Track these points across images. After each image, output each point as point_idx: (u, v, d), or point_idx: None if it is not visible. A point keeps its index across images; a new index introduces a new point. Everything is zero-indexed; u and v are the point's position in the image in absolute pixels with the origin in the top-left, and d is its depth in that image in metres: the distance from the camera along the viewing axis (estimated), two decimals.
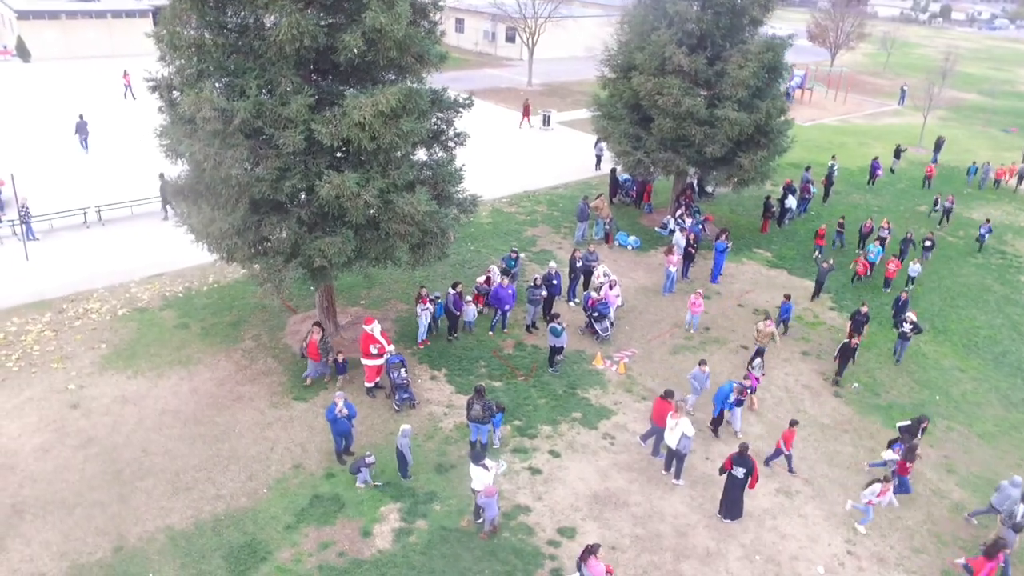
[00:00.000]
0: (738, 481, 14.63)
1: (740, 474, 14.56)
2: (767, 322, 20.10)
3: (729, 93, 24.36)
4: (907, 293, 23.32)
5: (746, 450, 14.70)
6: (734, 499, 14.88)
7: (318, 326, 17.66)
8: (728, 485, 14.84)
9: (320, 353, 17.62)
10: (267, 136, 15.24)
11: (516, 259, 22.72)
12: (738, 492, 14.76)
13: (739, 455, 14.62)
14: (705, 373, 17.93)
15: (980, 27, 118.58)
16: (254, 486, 15.07)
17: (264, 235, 16.10)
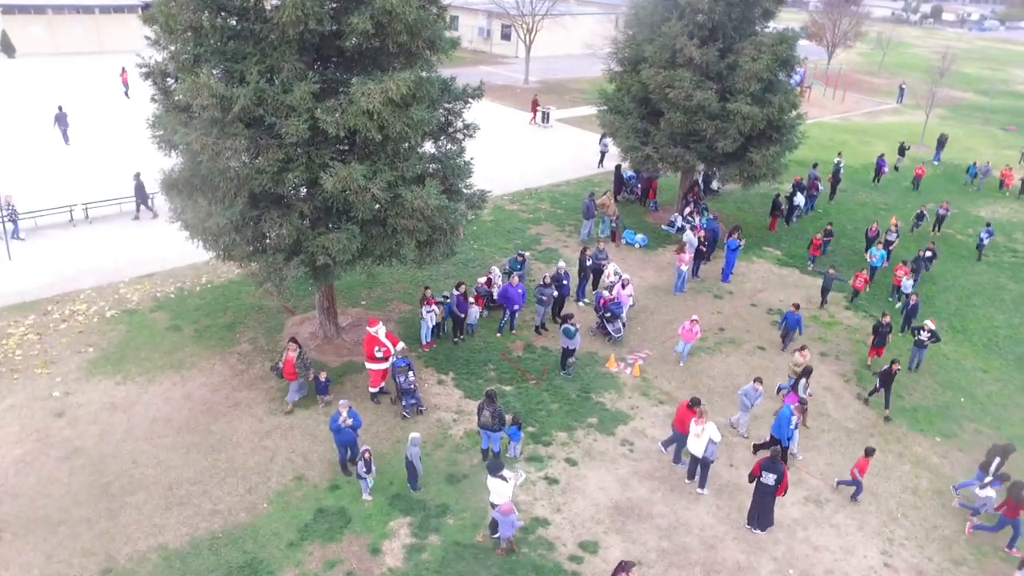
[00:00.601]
0: (768, 488, 13.81)
1: (770, 481, 13.74)
2: (803, 352, 18.03)
3: (742, 86, 23.59)
4: (917, 296, 22.15)
5: (778, 456, 13.89)
6: (764, 508, 14.07)
7: (294, 342, 16.09)
8: (757, 493, 14.02)
9: (298, 372, 16.02)
10: (268, 125, 14.29)
11: (523, 262, 21.78)
12: (768, 500, 13.94)
13: (770, 460, 13.81)
14: (758, 392, 16.52)
15: (970, 28, 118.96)
16: (253, 500, 14.11)
17: (264, 231, 15.13)
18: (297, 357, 15.91)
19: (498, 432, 14.97)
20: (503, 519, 12.83)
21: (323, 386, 16.43)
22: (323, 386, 16.43)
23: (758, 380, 16.63)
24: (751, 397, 16.54)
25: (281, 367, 16.06)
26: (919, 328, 19.81)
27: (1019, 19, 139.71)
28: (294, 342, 16.10)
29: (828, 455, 16.52)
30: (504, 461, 14.75)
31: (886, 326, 19.81)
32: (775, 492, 13.79)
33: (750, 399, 16.55)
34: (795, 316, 20.20)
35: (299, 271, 15.15)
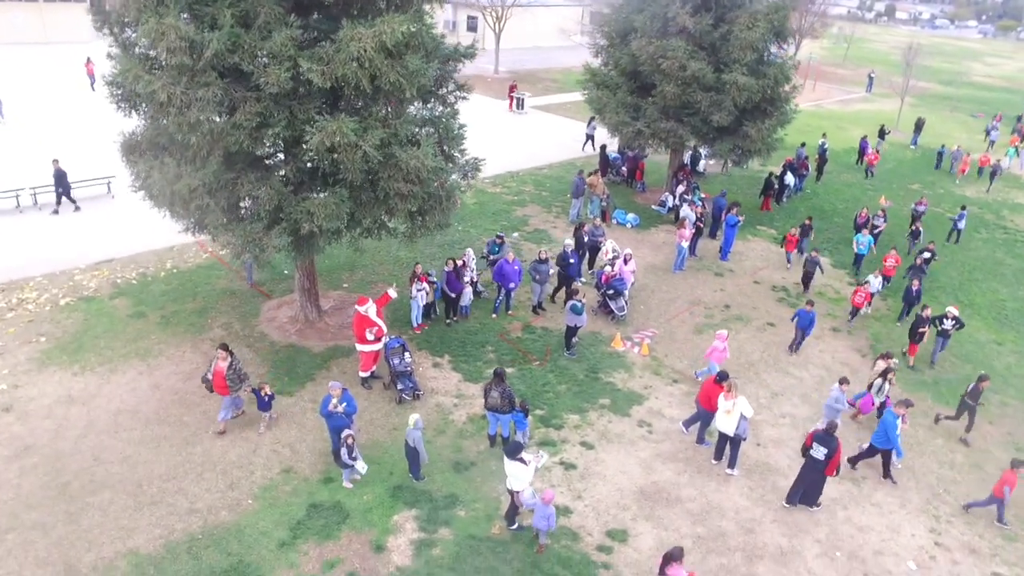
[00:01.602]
0: (818, 463, 12.63)
1: (820, 455, 12.57)
2: (888, 359, 16.08)
3: (737, 56, 22.56)
4: (919, 282, 20.27)
5: (833, 428, 12.70)
6: (811, 483, 12.94)
7: (224, 349, 13.43)
8: (805, 467, 12.88)
9: (229, 385, 13.36)
10: (245, 76, 12.66)
11: (501, 244, 20.00)
12: (817, 477, 12.76)
13: (824, 432, 12.65)
14: (845, 393, 14.66)
15: (923, 26, 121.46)
16: (236, 496, 12.44)
17: (241, 196, 13.48)
18: (229, 367, 13.29)
19: (508, 414, 13.53)
20: (541, 508, 11.36)
21: (265, 402, 13.76)
22: (265, 402, 13.76)
23: (844, 381, 14.72)
24: (842, 402, 14.53)
25: (210, 379, 13.49)
26: (941, 317, 18.14)
27: (967, 18, 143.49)
28: (224, 349, 13.45)
29: (856, 432, 15.43)
30: None
31: (926, 320, 17.98)
32: (824, 468, 12.59)
33: (841, 404, 14.53)
34: (808, 314, 17.75)
35: (281, 240, 13.49)
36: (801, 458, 14.22)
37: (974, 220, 29.22)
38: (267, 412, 13.91)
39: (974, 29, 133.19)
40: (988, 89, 65.71)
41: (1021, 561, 12.66)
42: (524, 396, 14.97)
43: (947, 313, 18.18)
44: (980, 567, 12.40)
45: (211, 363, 13.60)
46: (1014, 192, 34.52)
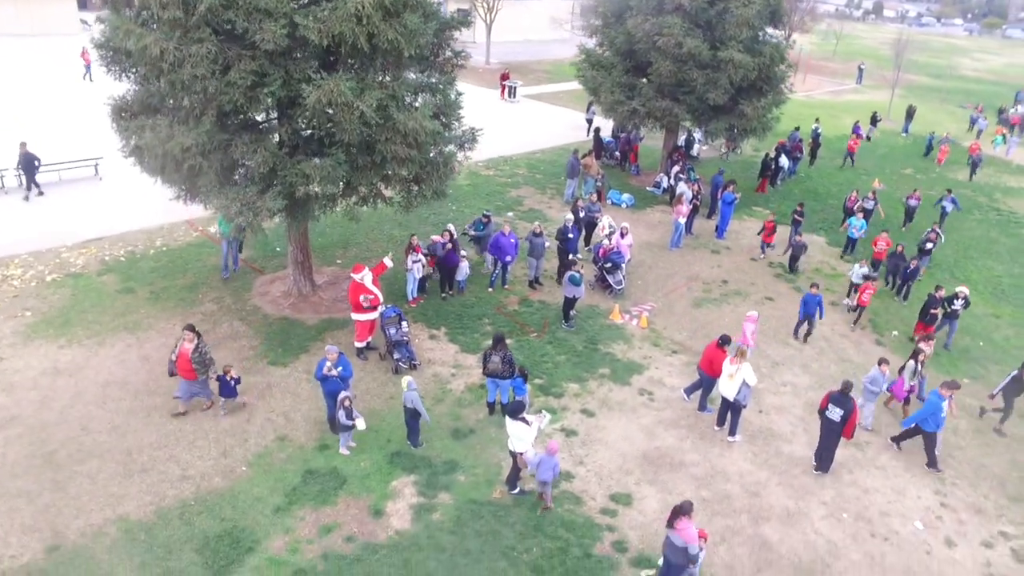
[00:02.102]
0: (834, 425, 12.43)
1: (836, 416, 12.37)
2: (928, 343, 15.56)
3: (733, 33, 22.41)
4: (917, 260, 19.88)
5: (849, 388, 12.49)
6: (825, 447, 12.77)
7: (190, 330, 12.57)
8: (823, 429, 12.72)
9: (195, 369, 12.57)
10: (240, 32, 12.36)
11: (487, 222, 19.52)
12: (832, 439, 12.60)
13: (840, 393, 12.45)
14: (885, 374, 14.04)
15: (910, 24, 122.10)
16: (229, 463, 12.12)
17: (236, 158, 13.17)
18: (195, 350, 12.50)
19: (508, 380, 13.26)
20: (547, 459, 11.11)
21: (230, 387, 12.92)
22: (230, 387, 12.92)
23: (884, 362, 14.05)
24: (879, 383, 13.99)
25: (174, 360, 12.65)
26: (951, 299, 17.49)
27: (952, 16, 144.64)
28: (191, 330, 12.60)
29: (859, 399, 15.22)
30: None
31: (939, 300, 17.32)
32: (840, 430, 12.43)
33: (878, 386, 14.01)
34: (815, 297, 16.88)
35: (276, 203, 13.17)
36: (804, 423, 14.12)
37: (967, 203, 29.20)
38: (232, 398, 13.04)
39: (960, 27, 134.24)
40: (976, 82, 66.08)
41: None
42: (524, 364, 14.71)
43: (958, 293, 17.67)
44: (987, 527, 12.23)
45: (175, 345, 12.72)
46: (1004, 176, 34.62)
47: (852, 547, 11.49)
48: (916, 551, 11.56)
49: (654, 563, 10.73)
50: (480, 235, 19.17)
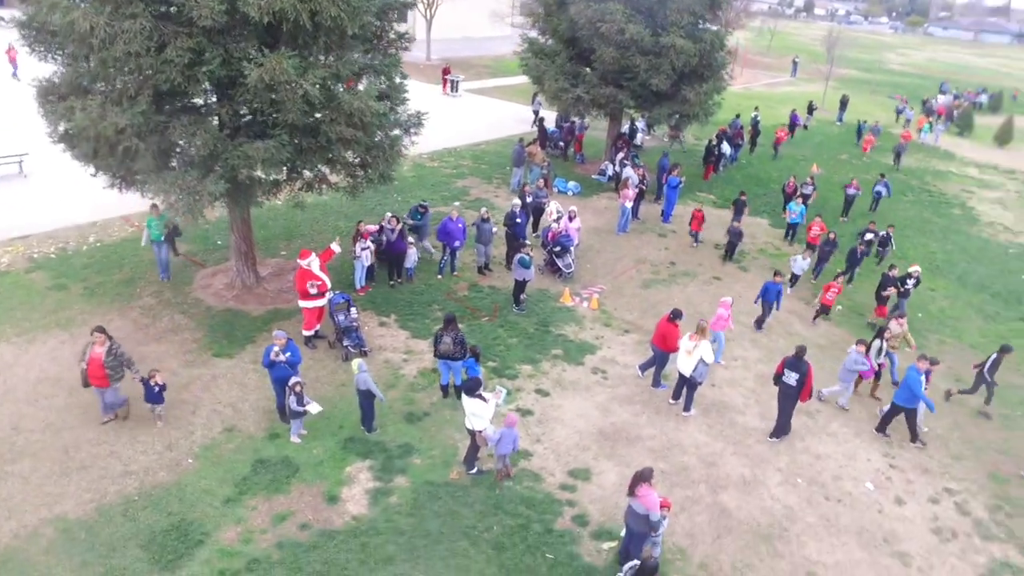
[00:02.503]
0: (790, 390, 12.65)
1: (792, 381, 12.57)
2: (900, 321, 15.46)
3: (674, 19, 22.67)
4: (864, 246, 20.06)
5: (803, 352, 12.70)
6: (783, 412, 13.01)
7: (101, 332, 11.49)
8: (781, 394, 12.92)
9: (109, 375, 11.48)
10: (176, 8, 11.90)
11: (424, 212, 19.00)
12: (788, 404, 12.84)
13: (795, 358, 12.66)
14: (863, 355, 13.95)
15: (839, 21, 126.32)
16: (175, 456, 11.64)
17: (174, 140, 12.68)
18: (107, 353, 11.44)
19: (459, 361, 13.07)
20: (507, 432, 10.99)
21: (155, 393, 11.86)
22: (155, 393, 11.86)
23: (860, 342, 14.01)
24: (861, 363, 13.92)
25: (85, 368, 11.50)
26: (904, 278, 17.75)
27: (879, 15, 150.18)
28: (101, 332, 11.52)
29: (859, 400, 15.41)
30: None
31: (893, 280, 17.58)
32: (797, 394, 12.66)
33: (861, 364, 13.95)
34: (776, 286, 16.74)
35: (218, 187, 12.71)
36: (756, 395, 14.31)
37: (901, 185, 30.23)
38: (158, 405, 12.06)
39: (885, 25, 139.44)
40: (902, 75, 68.65)
41: (968, 476, 12.92)
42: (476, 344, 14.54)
43: (911, 273, 17.93)
44: (933, 484, 12.59)
45: (84, 350, 11.62)
46: (933, 161, 36.02)
47: (808, 510, 11.67)
48: (868, 511, 11.80)
49: (616, 535, 10.70)
50: (418, 224, 18.79)
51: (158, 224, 16.17)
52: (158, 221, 16.14)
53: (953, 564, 10.96)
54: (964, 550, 11.24)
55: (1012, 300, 20.44)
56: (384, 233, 17.07)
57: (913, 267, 18.37)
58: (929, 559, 10.99)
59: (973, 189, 31.63)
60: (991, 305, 19.94)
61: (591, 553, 10.48)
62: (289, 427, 12.20)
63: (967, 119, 43.77)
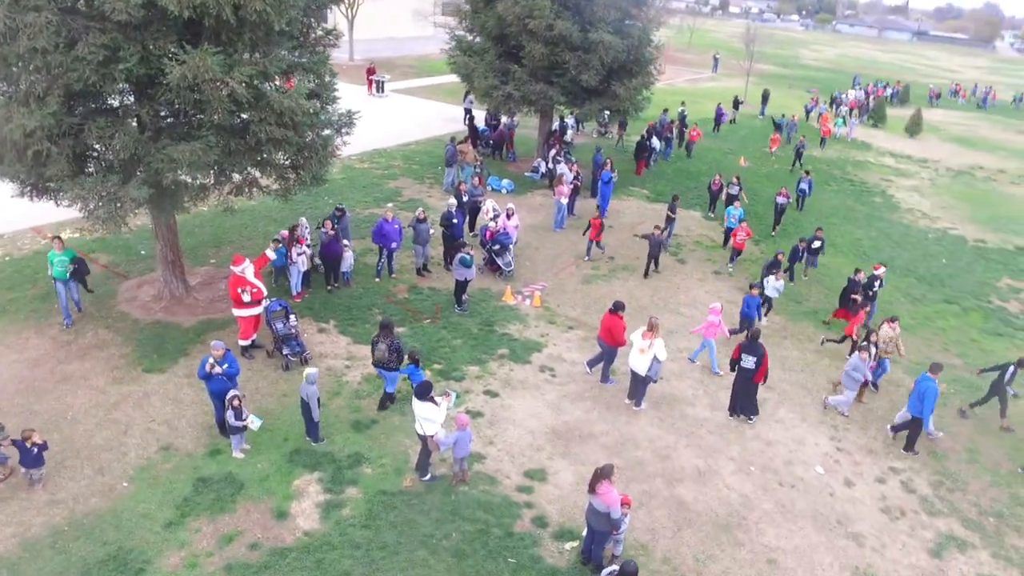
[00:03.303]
0: (748, 373, 12.95)
1: (750, 364, 12.85)
2: (893, 324, 15.03)
3: (602, 15, 22.74)
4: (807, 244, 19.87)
5: (758, 335, 12.94)
6: (747, 394, 13.31)
7: None
8: (738, 379, 13.18)
9: None
10: (87, 1, 11.13)
11: (342, 215, 18.01)
12: (751, 386, 13.18)
13: (750, 341, 12.91)
14: (865, 361, 13.73)
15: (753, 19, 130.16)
16: (107, 481, 10.90)
17: (89, 144, 11.88)
18: None
19: (395, 371, 12.62)
20: (461, 435, 10.70)
21: (33, 456, 10.38)
22: (33, 456, 10.38)
23: (862, 348, 13.91)
24: (861, 370, 13.67)
25: None
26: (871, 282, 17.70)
27: (790, 13, 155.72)
28: None
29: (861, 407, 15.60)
30: None
31: (857, 284, 17.43)
32: (754, 377, 12.95)
33: (860, 372, 13.70)
34: (755, 299, 16.19)
35: (141, 192, 11.98)
36: (704, 386, 14.43)
37: (823, 175, 31.21)
38: (37, 469, 10.54)
39: (796, 22, 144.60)
40: (817, 70, 71.18)
41: (911, 455, 13.27)
42: (416, 348, 14.17)
43: (877, 276, 17.77)
44: (879, 464, 12.90)
45: None
46: (852, 152, 37.35)
47: (763, 497, 11.77)
48: (820, 494, 11.99)
49: (577, 535, 10.54)
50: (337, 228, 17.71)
51: (62, 261, 14.23)
52: (62, 257, 14.22)
53: (904, 541, 11.23)
54: (913, 527, 11.53)
55: (936, 283, 21.27)
56: (320, 236, 16.46)
57: (878, 268, 18.19)
58: (881, 538, 11.23)
59: (891, 178, 32.91)
60: (917, 288, 20.70)
61: (553, 555, 10.29)
62: (231, 442, 11.59)
63: (880, 111, 45.56)
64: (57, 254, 14.26)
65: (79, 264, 14.64)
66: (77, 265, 14.55)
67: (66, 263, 14.27)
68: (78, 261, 14.61)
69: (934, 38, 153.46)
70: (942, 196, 30.94)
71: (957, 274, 22.22)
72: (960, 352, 17.41)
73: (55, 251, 14.29)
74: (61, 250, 14.29)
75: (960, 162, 37.99)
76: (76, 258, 14.57)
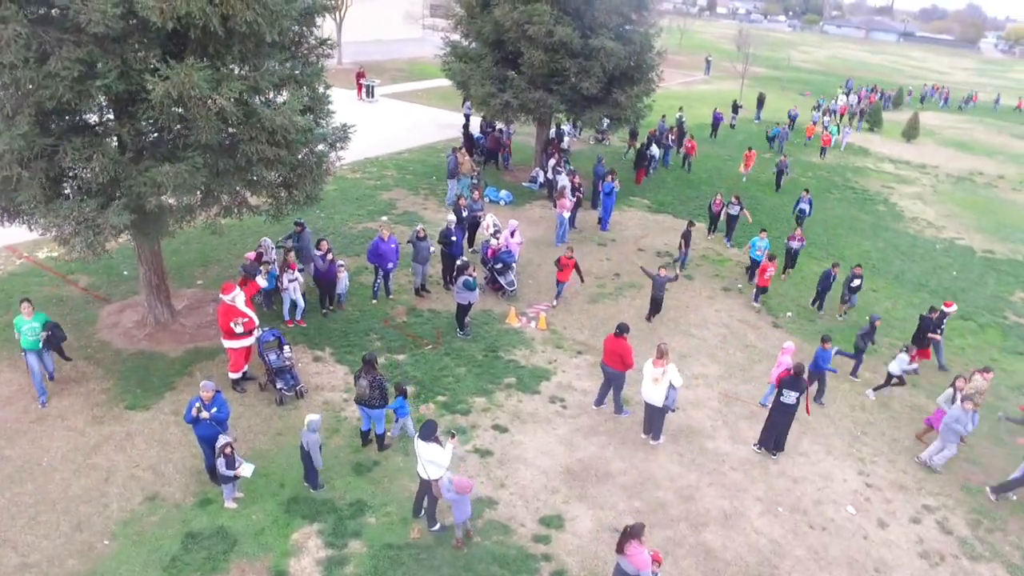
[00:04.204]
0: (790, 408, 12.31)
1: (792, 399, 12.24)
2: (987, 375, 13.66)
3: (603, 20, 21.96)
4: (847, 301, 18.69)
5: (802, 371, 12.27)
6: (783, 429, 12.69)
7: None
8: (777, 413, 12.52)
9: None
10: (60, 11, 10.22)
11: (300, 232, 16.81)
12: (789, 421, 12.56)
13: (793, 377, 12.23)
14: (969, 413, 12.44)
15: (740, 20, 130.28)
16: (86, 539, 9.97)
17: (65, 167, 10.95)
18: None
19: (380, 409, 11.63)
20: (458, 500, 9.82)
21: None
22: None
23: (966, 399, 12.51)
24: (964, 423, 12.41)
25: None
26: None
27: (776, 13, 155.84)
28: None
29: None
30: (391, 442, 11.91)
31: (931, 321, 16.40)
32: (794, 413, 12.45)
33: (963, 425, 12.42)
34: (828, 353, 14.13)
35: (122, 218, 11.06)
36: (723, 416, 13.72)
37: (824, 183, 30.64)
38: None
39: (783, 23, 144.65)
40: (809, 72, 70.85)
41: (943, 491, 12.57)
42: (402, 380, 13.30)
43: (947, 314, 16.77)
44: (911, 502, 12.18)
45: None
46: (851, 158, 36.80)
47: (794, 543, 11.01)
48: (854, 537, 11.25)
49: None
50: (297, 247, 16.42)
51: (32, 329, 11.89)
52: (32, 324, 11.88)
53: None
54: (955, 574, 10.81)
55: (949, 298, 20.61)
56: (316, 261, 15.53)
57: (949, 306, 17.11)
58: None
59: (892, 184, 32.37)
60: (930, 304, 20.00)
61: None
62: (222, 491, 10.69)
63: (876, 115, 45.07)
64: (26, 320, 11.86)
65: (53, 330, 12.31)
66: (51, 331, 12.25)
67: (38, 331, 11.96)
68: (52, 326, 12.28)
69: (920, 39, 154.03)
70: (945, 204, 30.40)
71: (969, 288, 21.62)
72: None
73: (23, 317, 11.89)
74: (31, 315, 11.91)
75: (959, 167, 37.56)
76: (49, 323, 12.25)
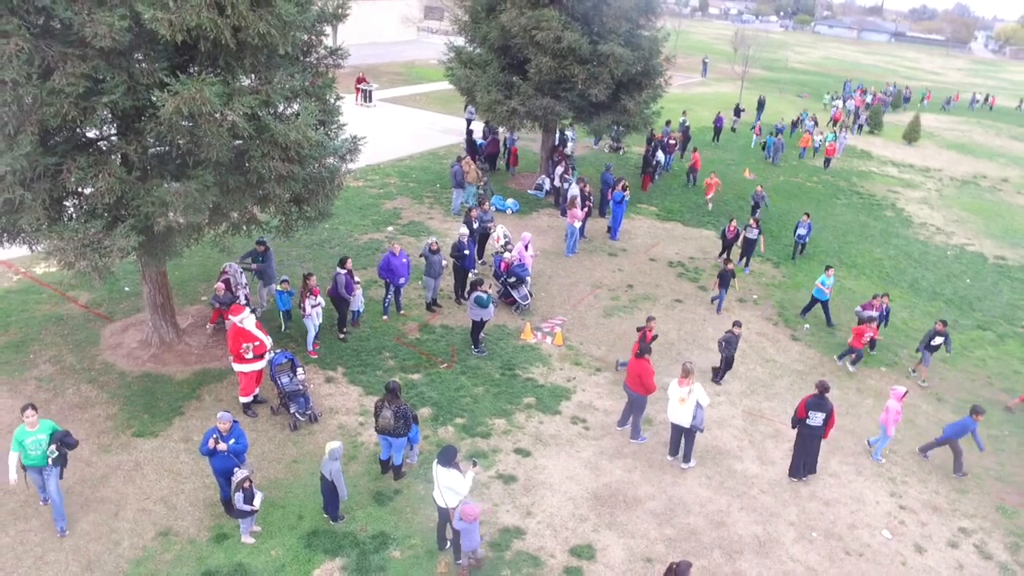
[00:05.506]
0: (816, 430, 11.94)
1: (818, 421, 11.87)
2: None
3: (612, 26, 21.60)
4: None
5: (826, 390, 11.90)
6: (812, 452, 12.27)
7: None
8: (804, 437, 12.10)
9: None
10: (64, 25, 9.75)
11: (265, 251, 15.69)
12: (817, 443, 12.15)
13: (817, 397, 11.86)
14: None
15: (733, 20, 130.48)
16: None
17: (69, 187, 10.47)
18: None
19: (402, 439, 11.18)
20: (467, 528, 9.39)
21: None
22: None
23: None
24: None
25: None
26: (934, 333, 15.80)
27: (768, 14, 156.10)
28: None
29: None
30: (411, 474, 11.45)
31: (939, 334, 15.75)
32: (823, 434, 12.05)
33: None
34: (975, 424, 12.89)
35: (129, 241, 10.58)
36: (748, 435, 13.33)
37: (830, 188, 30.37)
38: None
39: (775, 23, 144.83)
40: (805, 73, 70.71)
41: (978, 512, 12.25)
42: (413, 406, 12.84)
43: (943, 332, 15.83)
44: (947, 525, 11.83)
45: None
46: (855, 162, 36.55)
47: (831, 570, 10.63)
48: (892, 564, 10.88)
49: None
50: (262, 267, 15.76)
51: (38, 442, 9.52)
52: (37, 437, 9.51)
53: None
54: None
55: (965, 307, 20.37)
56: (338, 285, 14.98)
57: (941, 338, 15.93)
58: None
59: (898, 189, 32.13)
60: (947, 313, 19.71)
61: None
62: (238, 524, 10.23)
63: (877, 117, 44.87)
64: (29, 432, 9.48)
65: (63, 438, 9.74)
66: (61, 440, 9.71)
67: (44, 444, 9.55)
68: (61, 436, 9.72)
69: (911, 39, 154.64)
70: (952, 208, 30.18)
71: (984, 296, 21.34)
72: (1006, 387, 16.44)
73: (25, 427, 9.48)
74: (35, 425, 9.51)
75: (962, 171, 37.39)
76: (57, 433, 9.71)
